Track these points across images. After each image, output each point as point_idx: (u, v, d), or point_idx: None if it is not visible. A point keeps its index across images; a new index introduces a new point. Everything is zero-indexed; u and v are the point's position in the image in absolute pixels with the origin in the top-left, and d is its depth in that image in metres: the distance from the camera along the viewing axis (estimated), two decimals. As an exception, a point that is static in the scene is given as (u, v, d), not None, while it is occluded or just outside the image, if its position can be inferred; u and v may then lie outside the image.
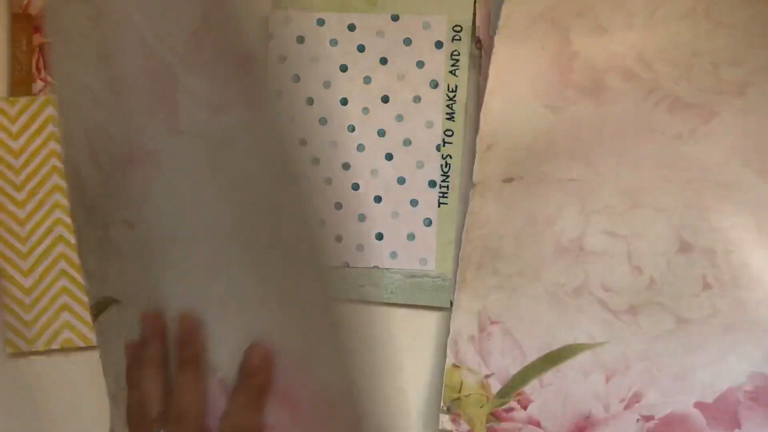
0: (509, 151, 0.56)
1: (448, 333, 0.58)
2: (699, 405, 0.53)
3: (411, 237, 0.60)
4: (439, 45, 0.60)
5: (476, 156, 0.58)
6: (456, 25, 0.60)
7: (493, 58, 0.58)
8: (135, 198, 0.45)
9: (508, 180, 0.56)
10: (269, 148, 0.44)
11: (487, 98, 0.58)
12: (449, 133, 0.60)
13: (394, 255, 0.60)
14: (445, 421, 0.56)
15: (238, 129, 0.44)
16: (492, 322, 0.56)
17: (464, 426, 0.56)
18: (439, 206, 0.60)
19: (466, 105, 0.60)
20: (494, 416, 0.55)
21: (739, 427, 0.52)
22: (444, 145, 0.60)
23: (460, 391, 0.56)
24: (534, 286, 0.55)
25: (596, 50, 0.56)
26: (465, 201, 0.59)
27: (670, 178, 0.55)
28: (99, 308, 0.50)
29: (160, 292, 0.45)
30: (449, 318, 0.58)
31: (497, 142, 0.58)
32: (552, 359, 0.54)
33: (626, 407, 0.53)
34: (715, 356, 0.53)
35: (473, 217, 0.57)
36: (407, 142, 0.60)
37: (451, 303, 0.58)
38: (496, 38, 0.58)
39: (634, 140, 0.56)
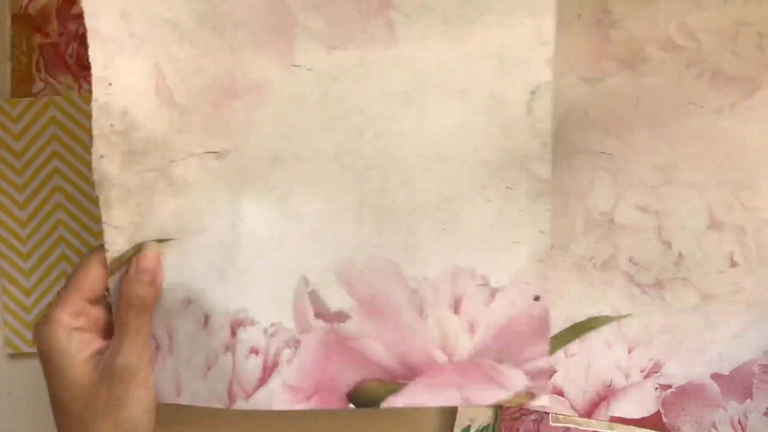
0: (542, 123, 0.55)
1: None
2: (715, 376, 0.55)
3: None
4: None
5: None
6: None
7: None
8: (233, 127, 0.49)
9: (540, 153, 0.55)
10: (379, 80, 0.47)
11: (521, 71, 0.55)
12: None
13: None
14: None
15: (353, 63, 0.47)
16: (520, 294, 0.57)
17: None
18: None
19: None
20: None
21: (751, 398, 0.54)
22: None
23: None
24: (562, 259, 0.55)
25: (636, 19, 0.53)
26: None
27: (706, 154, 0.53)
28: (122, 260, 0.50)
29: (247, 212, 0.49)
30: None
31: (530, 115, 0.56)
32: (577, 330, 0.55)
33: (646, 377, 0.55)
34: (736, 332, 0.54)
35: (504, 187, 0.57)
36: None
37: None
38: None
39: (671, 114, 0.53)
